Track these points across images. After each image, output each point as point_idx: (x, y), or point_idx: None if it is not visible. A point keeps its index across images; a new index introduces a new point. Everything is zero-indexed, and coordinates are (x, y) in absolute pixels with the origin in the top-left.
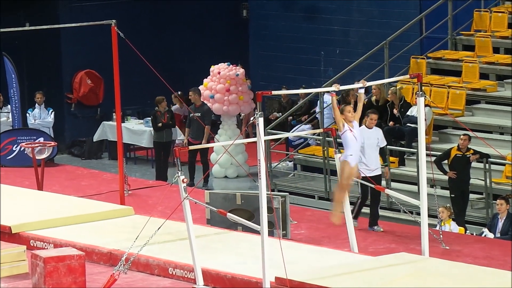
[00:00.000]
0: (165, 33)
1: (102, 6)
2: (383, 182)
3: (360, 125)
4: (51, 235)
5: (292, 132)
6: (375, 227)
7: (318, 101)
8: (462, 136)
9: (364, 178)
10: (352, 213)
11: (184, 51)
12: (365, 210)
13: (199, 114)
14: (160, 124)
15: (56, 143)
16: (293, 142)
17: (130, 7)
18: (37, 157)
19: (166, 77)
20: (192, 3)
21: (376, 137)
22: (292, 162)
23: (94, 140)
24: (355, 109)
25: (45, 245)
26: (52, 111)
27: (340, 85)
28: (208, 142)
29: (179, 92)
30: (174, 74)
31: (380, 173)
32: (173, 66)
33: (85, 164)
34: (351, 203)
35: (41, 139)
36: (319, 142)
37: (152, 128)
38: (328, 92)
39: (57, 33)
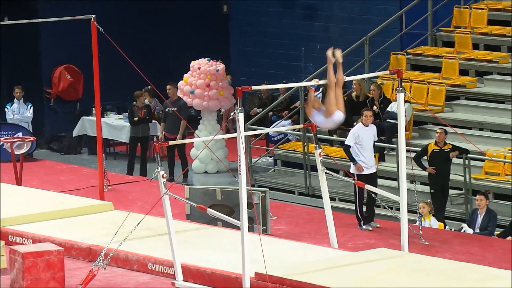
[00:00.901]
0: (146, 29)
1: (83, 2)
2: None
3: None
4: (30, 230)
5: (273, 127)
6: (372, 223)
7: (299, 97)
8: (438, 130)
9: (360, 176)
10: (359, 221)
11: (165, 47)
12: (350, 207)
13: (175, 108)
14: (136, 119)
15: (35, 138)
16: (273, 138)
17: (111, 4)
18: (15, 152)
19: (146, 72)
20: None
21: (372, 134)
22: (272, 158)
23: (73, 135)
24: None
25: (24, 240)
26: (31, 106)
27: (318, 80)
28: (184, 136)
29: (148, 87)
30: (155, 70)
31: (375, 170)
32: (154, 61)
33: (64, 159)
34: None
35: (20, 134)
36: (299, 137)
37: None
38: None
39: (37, 27)
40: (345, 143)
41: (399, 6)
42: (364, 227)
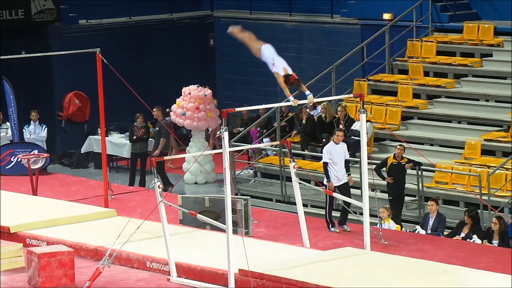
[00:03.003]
0: (143, 59)
1: (89, 36)
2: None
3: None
4: (45, 234)
5: (254, 143)
6: (344, 226)
7: (276, 118)
8: (398, 147)
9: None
10: (327, 223)
11: (160, 75)
12: (320, 212)
13: (157, 128)
14: (134, 137)
15: (48, 155)
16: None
17: (113, 37)
18: (32, 167)
19: (144, 97)
20: (166, 34)
21: (343, 151)
22: (253, 170)
23: (81, 152)
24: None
25: (39, 243)
26: (45, 127)
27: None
28: (161, 152)
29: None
30: (151, 95)
31: (346, 181)
32: (150, 87)
33: (74, 172)
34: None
35: (36, 151)
36: (275, 152)
37: None
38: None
39: (49, 59)
40: (322, 160)
41: (361, 39)
42: (332, 229)
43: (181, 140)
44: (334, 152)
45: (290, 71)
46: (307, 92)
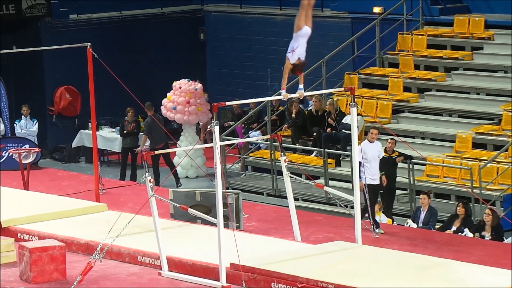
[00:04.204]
0: (134, 54)
1: (79, 31)
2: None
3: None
4: (36, 228)
5: (244, 138)
6: (377, 230)
7: (267, 111)
8: (389, 140)
9: (369, 185)
10: (371, 225)
11: (150, 69)
12: (311, 205)
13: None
14: (125, 131)
15: (39, 149)
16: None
17: (104, 31)
18: (23, 162)
19: (135, 91)
20: (157, 28)
21: (377, 149)
22: (239, 164)
23: (72, 146)
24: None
25: (31, 238)
26: (36, 122)
27: (288, 95)
28: (154, 148)
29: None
30: (142, 89)
31: (380, 182)
32: (141, 81)
33: (65, 167)
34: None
35: (27, 146)
36: (267, 146)
37: None
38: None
39: (40, 54)
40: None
41: (351, 33)
42: (376, 230)
43: (171, 134)
44: (368, 150)
45: (302, 59)
46: (301, 86)
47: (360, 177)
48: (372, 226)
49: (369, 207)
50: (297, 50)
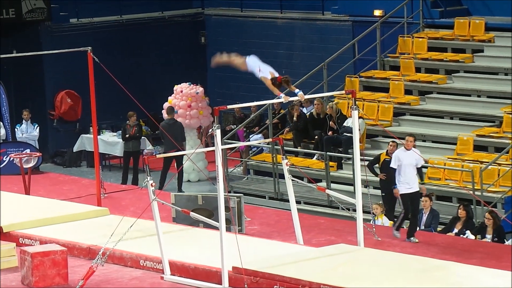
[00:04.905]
0: (135, 57)
1: (80, 35)
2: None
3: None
4: (37, 233)
5: (246, 141)
6: (412, 238)
7: (268, 115)
8: (390, 143)
9: (404, 195)
10: (394, 225)
11: (151, 73)
12: (314, 209)
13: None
14: (127, 135)
15: (40, 154)
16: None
17: (105, 35)
18: (24, 166)
19: (136, 95)
20: (158, 32)
21: (413, 157)
22: (241, 168)
23: (74, 151)
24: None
25: (32, 242)
26: (37, 126)
27: (288, 97)
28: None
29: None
30: (143, 92)
31: (418, 189)
32: (142, 85)
33: (66, 171)
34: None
35: (28, 150)
36: (268, 149)
37: None
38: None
39: (40, 58)
40: (390, 166)
41: (352, 36)
42: (395, 232)
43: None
44: (403, 158)
45: (276, 74)
46: (296, 90)
47: (395, 185)
48: (394, 227)
49: (404, 215)
50: (263, 69)
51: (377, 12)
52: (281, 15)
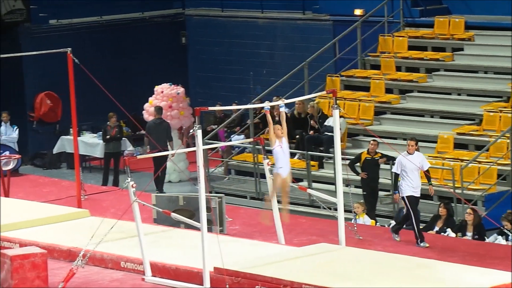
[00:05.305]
0: (115, 58)
1: (60, 36)
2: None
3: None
4: (17, 236)
5: (228, 141)
6: (421, 244)
7: (249, 115)
8: (371, 142)
9: (410, 197)
10: (394, 227)
11: (132, 73)
12: (295, 208)
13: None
14: (107, 137)
15: (20, 156)
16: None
17: (84, 36)
18: (3, 168)
19: (116, 95)
20: (138, 33)
21: (417, 161)
22: (222, 168)
23: (54, 152)
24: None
25: (12, 245)
26: (16, 128)
27: (269, 102)
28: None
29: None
30: (124, 93)
31: (419, 193)
32: (123, 86)
33: (46, 173)
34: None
35: (7, 153)
36: (249, 149)
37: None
38: (263, 107)
39: (20, 60)
40: (392, 170)
41: (333, 35)
42: (421, 244)
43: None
44: (407, 162)
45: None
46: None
47: (396, 190)
48: (416, 240)
49: (413, 218)
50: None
51: (357, 12)
52: (262, 15)
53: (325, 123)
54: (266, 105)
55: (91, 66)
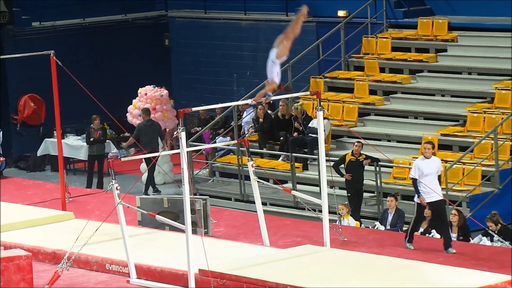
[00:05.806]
0: (98, 61)
1: (43, 38)
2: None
3: None
4: (1, 238)
5: (212, 143)
6: (449, 249)
7: (233, 116)
8: (356, 143)
9: (420, 204)
10: (405, 237)
11: (115, 76)
12: (280, 210)
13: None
14: (91, 139)
15: (4, 158)
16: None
17: (68, 39)
18: None
19: (100, 98)
20: (121, 35)
21: (434, 166)
22: (207, 170)
23: (38, 155)
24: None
25: None
26: (0, 131)
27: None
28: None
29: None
30: (107, 96)
31: (440, 198)
32: (106, 88)
33: (30, 176)
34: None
35: None
36: (233, 151)
37: None
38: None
39: (3, 62)
40: (410, 176)
41: (316, 36)
42: (407, 245)
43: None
44: (424, 167)
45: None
46: (270, 92)
47: (419, 193)
48: (404, 239)
49: (413, 220)
50: (279, 73)
51: (341, 13)
52: (245, 16)
53: (309, 125)
54: (251, 102)
55: (74, 69)
